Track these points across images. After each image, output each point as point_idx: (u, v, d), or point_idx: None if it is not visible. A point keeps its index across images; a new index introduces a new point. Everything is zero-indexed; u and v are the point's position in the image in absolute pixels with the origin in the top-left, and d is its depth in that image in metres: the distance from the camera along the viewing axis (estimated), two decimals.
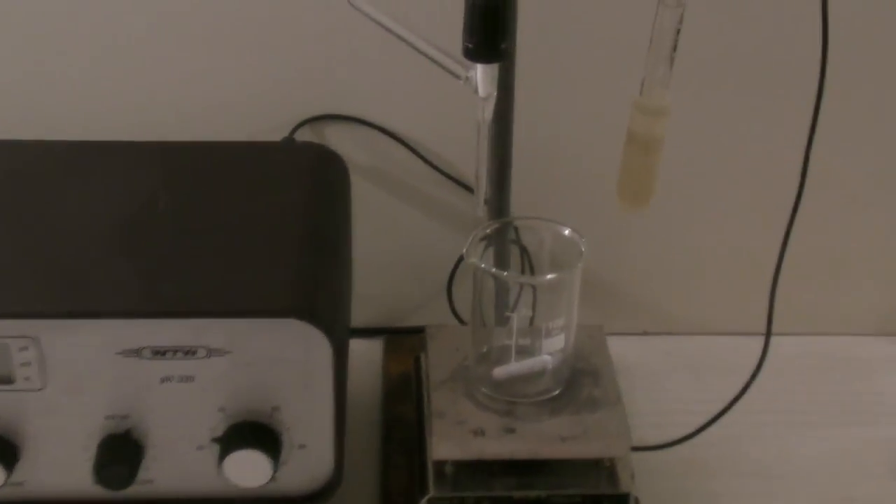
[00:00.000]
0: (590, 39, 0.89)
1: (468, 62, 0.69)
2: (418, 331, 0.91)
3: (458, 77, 0.70)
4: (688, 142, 0.89)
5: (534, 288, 0.77)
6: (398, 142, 0.94)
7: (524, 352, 0.76)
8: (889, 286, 1.00)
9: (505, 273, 0.76)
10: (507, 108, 0.79)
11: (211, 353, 0.68)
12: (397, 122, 0.93)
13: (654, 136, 0.71)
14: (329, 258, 0.76)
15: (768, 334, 0.78)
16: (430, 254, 0.97)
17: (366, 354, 0.95)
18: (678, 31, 0.67)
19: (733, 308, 0.99)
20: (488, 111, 0.70)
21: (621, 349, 0.92)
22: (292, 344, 0.68)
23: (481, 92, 0.69)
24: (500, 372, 0.76)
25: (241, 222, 0.75)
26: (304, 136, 0.93)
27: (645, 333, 1.01)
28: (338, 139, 0.93)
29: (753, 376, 0.80)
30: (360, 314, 0.92)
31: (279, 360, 0.69)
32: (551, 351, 0.75)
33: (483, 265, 0.72)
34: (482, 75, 0.68)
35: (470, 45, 0.67)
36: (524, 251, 0.84)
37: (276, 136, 0.91)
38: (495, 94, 0.69)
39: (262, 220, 0.76)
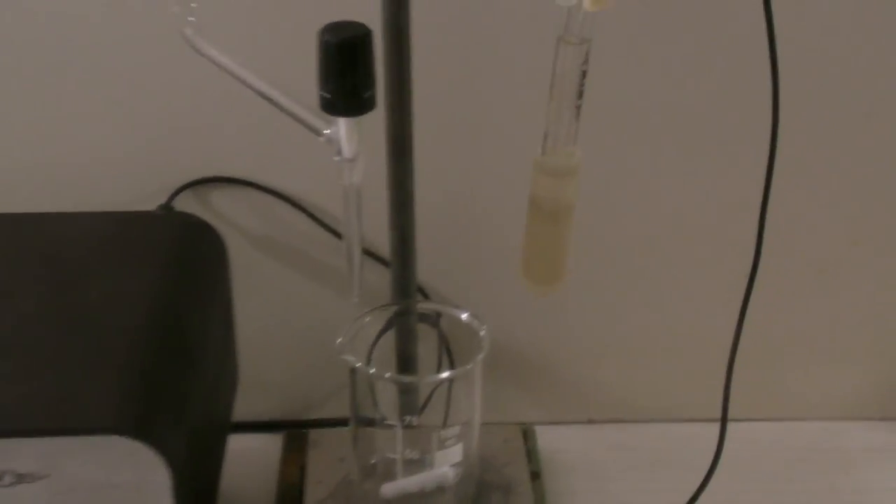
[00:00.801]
0: (502, 83, 0.80)
1: (329, 116, 0.58)
2: (329, 424, 0.83)
3: (318, 135, 0.58)
4: (630, 206, 0.85)
5: (450, 384, 0.67)
6: (295, 207, 0.84)
7: (421, 465, 0.64)
8: (866, 364, 0.92)
9: (387, 374, 0.64)
10: (406, 168, 0.70)
11: (20, 479, 0.58)
12: (293, 184, 0.84)
13: (563, 201, 0.60)
14: (178, 355, 0.65)
15: (724, 421, 0.72)
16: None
17: (262, 453, 0.85)
18: (584, 74, 0.56)
19: (688, 391, 0.91)
20: (356, 174, 0.60)
21: (562, 442, 0.88)
22: (121, 466, 0.58)
23: (346, 151, 0.59)
24: (389, 489, 0.65)
25: (69, 313, 0.65)
26: (186, 201, 0.83)
27: (590, 422, 0.93)
28: (225, 205, 0.84)
29: (710, 472, 0.73)
30: (257, 405, 0.87)
31: (107, 486, 0.59)
32: (448, 464, 0.62)
33: (358, 362, 0.60)
34: (346, 131, 0.58)
35: (327, 96, 0.56)
36: (443, 339, 0.75)
37: (153, 203, 0.82)
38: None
39: (96, 309, 0.65)
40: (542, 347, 0.90)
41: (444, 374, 0.63)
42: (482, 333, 0.63)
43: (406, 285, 0.73)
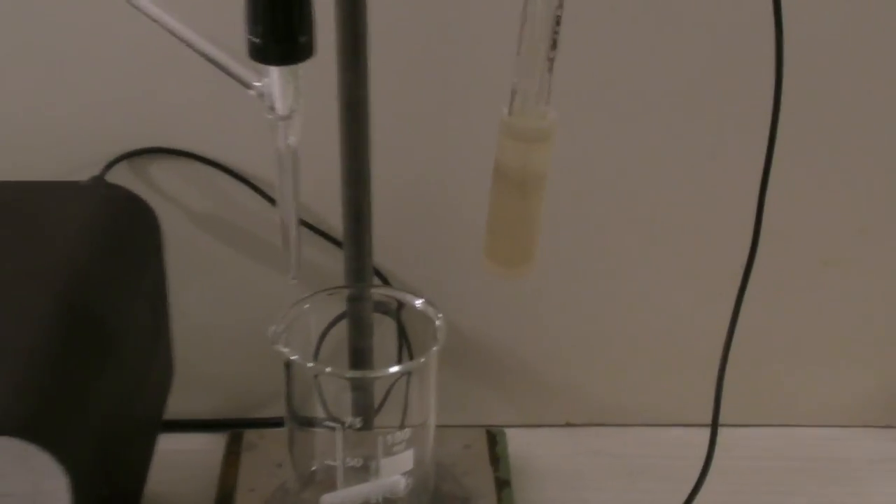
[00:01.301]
0: (472, 38, 0.75)
1: (261, 66, 0.52)
2: (278, 424, 0.74)
3: (248, 88, 0.52)
4: (615, 188, 0.81)
5: (408, 376, 0.61)
6: (243, 182, 0.79)
7: (367, 473, 0.59)
8: (871, 366, 0.88)
9: (327, 368, 0.57)
10: (362, 137, 0.65)
11: None
12: (241, 158, 0.79)
13: (532, 170, 0.53)
14: (91, 345, 0.58)
15: (715, 426, 0.69)
16: None
17: (203, 455, 0.80)
18: (558, 20, 0.50)
19: (677, 393, 0.87)
20: (293, 134, 0.53)
21: (537, 447, 0.85)
22: (12, 471, 0.51)
23: (279, 106, 0.52)
24: (329, 500, 0.59)
25: None
26: (121, 174, 0.78)
27: (568, 425, 0.89)
28: (165, 178, 0.79)
29: (699, 482, 0.70)
30: (199, 402, 0.84)
31: None
32: (397, 473, 0.56)
33: (293, 354, 0.53)
34: (279, 83, 0.51)
35: (256, 41, 0.50)
36: (402, 332, 0.70)
37: (86, 175, 0.76)
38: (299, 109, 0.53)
39: None
40: (516, 343, 0.86)
41: (394, 369, 0.57)
42: (438, 323, 0.56)
43: (360, 268, 0.67)
